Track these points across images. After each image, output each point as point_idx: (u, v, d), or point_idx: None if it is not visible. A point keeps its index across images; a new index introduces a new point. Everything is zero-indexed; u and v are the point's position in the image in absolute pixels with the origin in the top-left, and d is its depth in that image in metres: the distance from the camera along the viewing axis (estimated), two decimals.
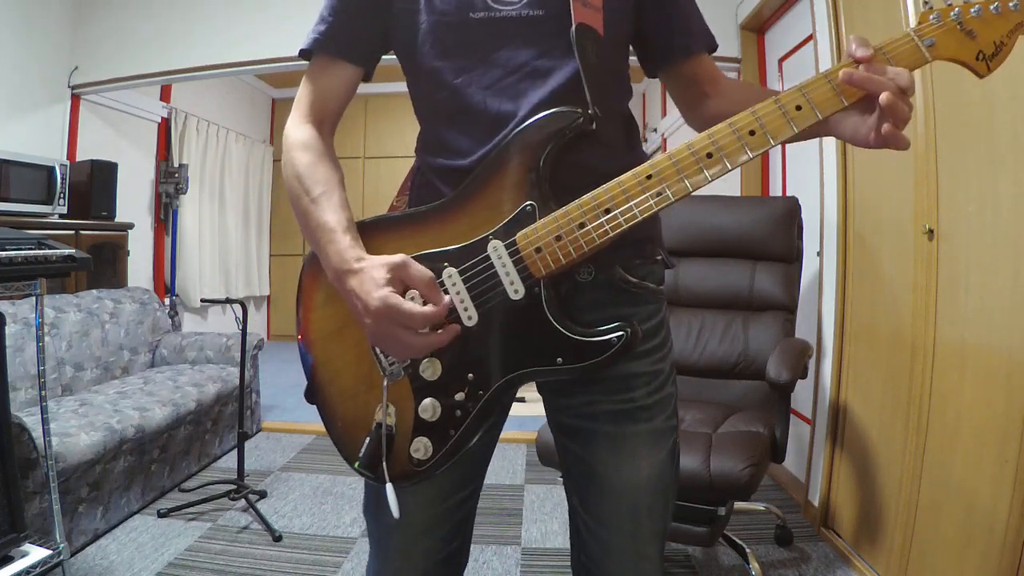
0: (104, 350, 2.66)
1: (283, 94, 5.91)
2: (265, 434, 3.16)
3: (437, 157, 0.78)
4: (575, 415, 0.78)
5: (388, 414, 0.72)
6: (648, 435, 0.77)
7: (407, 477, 0.73)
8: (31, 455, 1.68)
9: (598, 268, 0.73)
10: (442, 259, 0.71)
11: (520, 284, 0.69)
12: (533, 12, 0.72)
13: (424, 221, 0.74)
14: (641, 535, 0.77)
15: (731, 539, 1.75)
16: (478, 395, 0.71)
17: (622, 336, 0.67)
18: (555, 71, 0.72)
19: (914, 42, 0.63)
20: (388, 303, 0.65)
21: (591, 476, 0.78)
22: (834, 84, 0.64)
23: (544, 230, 0.68)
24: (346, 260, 0.69)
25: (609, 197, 0.67)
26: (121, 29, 3.22)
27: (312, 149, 0.77)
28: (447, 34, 0.75)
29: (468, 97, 0.74)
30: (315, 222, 0.72)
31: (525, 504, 2.31)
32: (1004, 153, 1.27)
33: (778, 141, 0.65)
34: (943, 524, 1.43)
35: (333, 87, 0.81)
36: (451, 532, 0.82)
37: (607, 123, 0.73)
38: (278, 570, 1.83)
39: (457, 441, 0.71)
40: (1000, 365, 1.27)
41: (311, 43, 0.80)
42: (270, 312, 6.00)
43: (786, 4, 2.51)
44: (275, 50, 2.95)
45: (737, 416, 1.76)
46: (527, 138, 0.69)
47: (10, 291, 1.52)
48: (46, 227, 2.77)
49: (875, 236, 1.82)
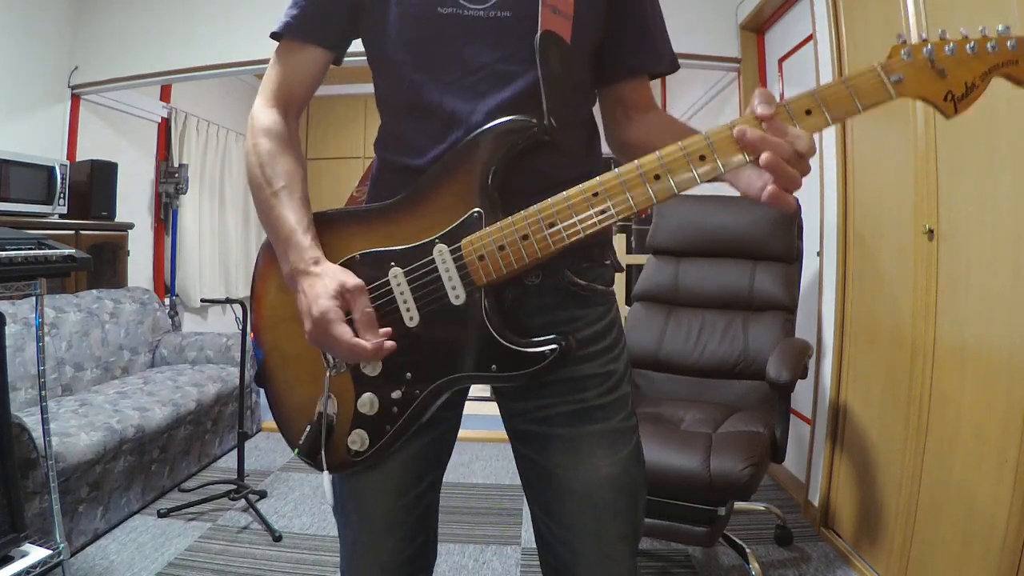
0: (104, 350, 2.66)
1: None
2: (265, 434, 3.16)
3: (393, 153, 0.79)
4: (530, 420, 0.78)
5: (329, 405, 0.74)
6: (605, 435, 0.76)
7: (344, 466, 0.75)
8: (31, 455, 1.68)
9: (546, 272, 0.73)
10: (390, 258, 0.72)
11: (462, 290, 0.70)
12: (501, 13, 0.71)
13: (377, 218, 0.75)
14: (606, 536, 0.76)
15: (731, 539, 1.75)
16: (414, 394, 0.72)
17: (555, 349, 0.68)
18: (517, 76, 0.71)
19: (880, 77, 0.60)
20: (327, 317, 0.67)
21: (549, 480, 0.78)
22: (735, 138, 0.62)
23: (488, 239, 0.68)
24: (304, 260, 0.71)
25: (555, 211, 0.66)
26: (121, 29, 3.22)
27: (276, 136, 0.77)
28: (413, 27, 0.74)
29: (425, 93, 0.74)
30: (275, 215, 0.73)
31: (525, 504, 2.30)
32: (1004, 153, 1.27)
33: (681, 191, 0.64)
34: (943, 524, 1.43)
35: (302, 71, 0.81)
36: (414, 528, 0.81)
37: (565, 131, 0.72)
38: (278, 570, 1.83)
39: (393, 435, 0.73)
40: (1000, 365, 1.27)
41: (283, 27, 0.80)
42: None
43: (786, 4, 2.51)
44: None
45: (737, 416, 1.76)
46: (480, 144, 0.69)
47: (10, 291, 1.52)
48: (46, 227, 2.77)
49: (875, 236, 1.82)
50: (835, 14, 1.97)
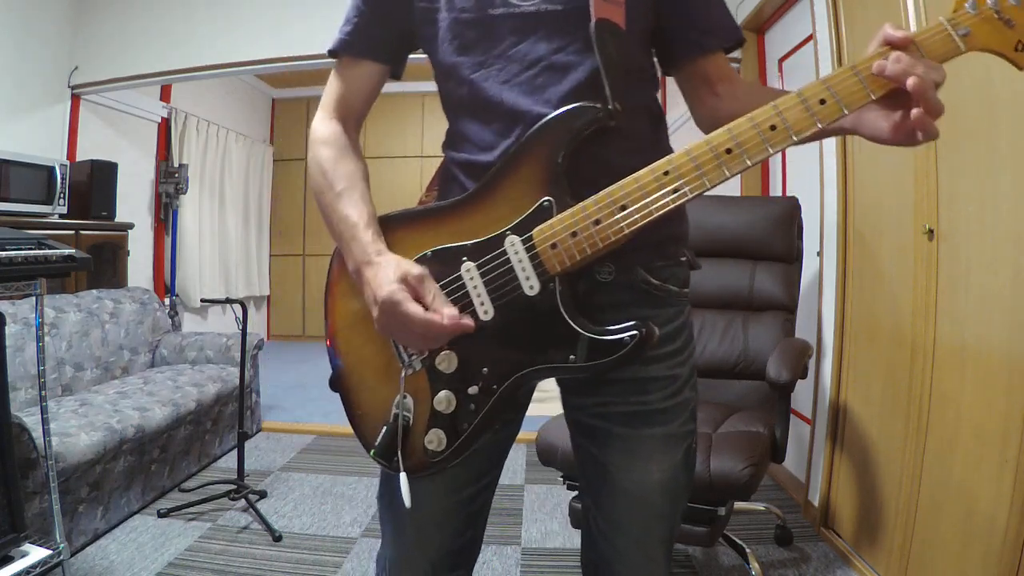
0: (104, 350, 2.66)
1: (283, 94, 5.92)
2: (265, 434, 3.16)
3: (460, 152, 0.79)
4: (591, 414, 0.79)
5: (405, 405, 0.74)
6: (663, 439, 0.76)
7: (421, 468, 0.74)
8: (31, 455, 1.68)
9: (618, 269, 0.73)
10: (461, 253, 0.72)
11: (536, 280, 0.69)
12: (552, 7, 0.72)
13: (445, 215, 0.75)
14: (650, 539, 0.78)
15: (731, 539, 1.75)
16: (492, 389, 0.71)
17: (635, 336, 0.66)
18: (574, 67, 0.72)
19: (947, 32, 0.59)
20: (393, 298, 0.67)
21: (604, 477, 0.78)
22: (861, 77, 0.60)
23: (560, 226, 0.68)
24: (367, 253, 0.72)
25: (624, 193, 0.66)
26: (121, 29, 3.22)
27: (336, 145, 0.79)
28: (465, 30, 0.76)
29: (485, 91, 0.74)
30: (338, 216, 0.75)
31: (525, 504, 2.31)
32: (1004, 153, 1.27)
33: (801, 137, 0.62)
34: (943, 524, 1.43)
35: (358, 86, 0.83)
36: (464, 524, 0.82)
37: (630, 118, 0.72)
38: (278, 570, 1.83)
39: (470, 435, 0.72)
40: (1000, 365, 1.27)
41: (337, 44, 0.82)
42: (270, 312, 6.00)
43: (786, 4, 2.51)
44: (275, 50, 2.95)
45: (737, 416, 1.76)
46: (547, 133, 0.69)
47: (10, 291, 1.52)
48: (46, 227, 2.77)
49: (875, 236, 1.82)
50: (835, 14, 1.97)
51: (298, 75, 5.05)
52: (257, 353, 3.05)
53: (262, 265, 5.72)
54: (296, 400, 3.82)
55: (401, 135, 5.85)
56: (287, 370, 4.65)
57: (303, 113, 5.92)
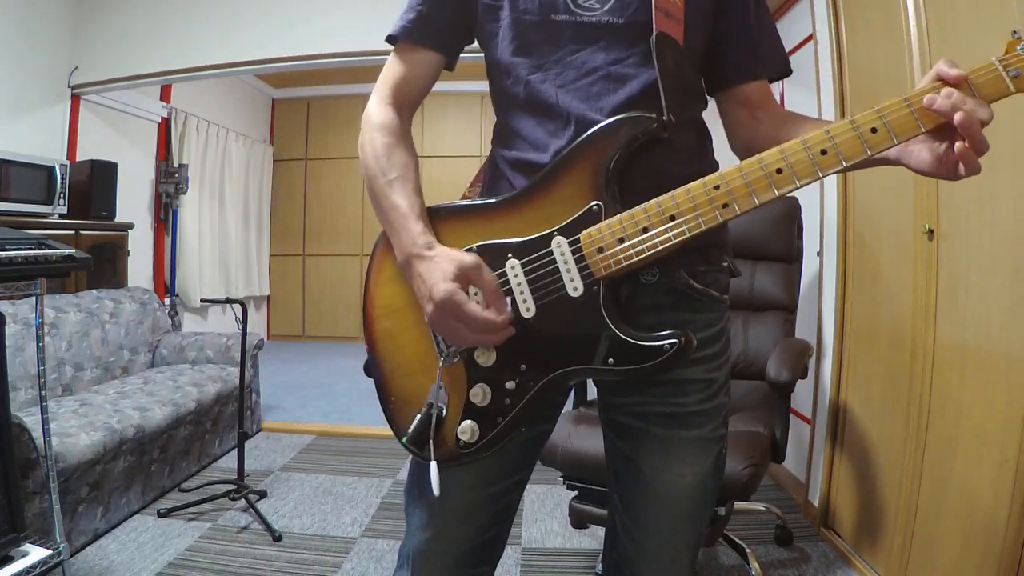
0: (104, 350, 2.66)
1: (283, 94, 5.92)
2: (265, 434, 3.16)
3: (510, 149, 0.80)
4: (627, 414, 0.79)
5: (440, 395, 0.74)
6: (696, 442, 0.77)
7: (452, 458, 0.74)
8: (31, 455, 1.68)
9: (663, 271, 0.74)
10: (506, 250, 0.73)
11: (580, 282, 0.70)
12: (613, 19, 0.74)
13: (493, 212, 0.76)
14: (678, 542, 0.79)
15: (731, 539, 1.75)
16: (528, 386, 0.72)
17: (675, 344, 0.67)
18: (631, 78, 0.73)
19: (999, 73, 0.62)
20: (454, 299, 0.68)
21: (636, 476, 0.79)
22: (913, 109, 0.62)
23: (608, 231, 0.69)
24: (417, 245, 0.72)
25: (675, 204, 0.67)
26: (121, 29, 3.22)
27: (391, 131, 0.80)
28: (527, 32, 0.77)
29: (542, 92, 0.76)
30: (389, 203, 0.76)
31: (525, 504, 2.31)
32: (1004, 153, 1.27)
33: (849, 163, 0.63)
34: (943, 524, 1.43)
35: (416, 73, 0.84)
36: (491, 520, 0.82)
37: (681, 130, 0.74)
38: (278, 570, 1.82)
39: (504, 429, 0.73)
40: (1000, 365, 1.27)
41: (399, 30, 0.83)
42: (270, 312, 6.00)
43: (786, 4, 2.51)
44: (275, 50, 2.95)
45: (737, 416, 1.76)
46: (601, 138, 0.70)
47: (10, 291, 1.52)
48: (46, 227, 2.77)
49: (875, 236, 1.82)
50: (835, 14, 1.97)
51: (299, 75, 5.06)
52: (257, 353, 3.05)
53: (262, 265, 5.72)
54: (296, 400, 3.82)
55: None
56: (287, 370, 4.65)
57: (303, 113, 5.92)
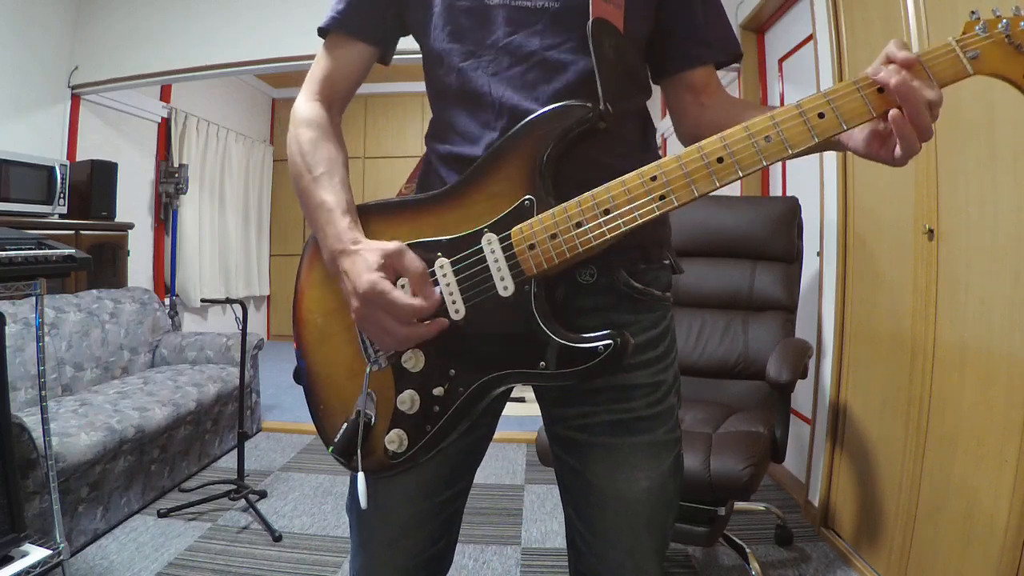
0: (104, 350, 2.66)
1: (283, 94, 5.91)
2: (265, 434, 3.16)
3: (443, 143, 0.77)
4: (570, 427, 0.76)
5: (368, 403, 0.71)
6: (647, 447, 0.74)
7: (381, 468, 0.71)
8: (31, 455, 1.68)
9: (600, 271, 0.71)
10: (436, 248, 0.69)
11: (511, 281, 0.66)
12: (550, 4, 0.71)
13: (424, 208, 0.72)
14: (640, 549, 0.74)
15: (731, 539, 1.75)
16: (458, 392, 0.68)
17: (610, 345, 0.63)
18: (567, 66, 0.70)
19: (955, 53, 0.57)
20: (377, 288, 0.64)
21: (587, 488, 0.75)
22: (863, 93, 0.59)
23: (540, 226, 0.65)
24: (342, 241, 0.69)
25: (610, 197, 0.64)
26: (121, 29, 3.22)
27: (317, 126, 0.76)
28: (460, 17, 0.74)
29: (473, 81, 0.72)
30: (315, 201, 0.72)
31: (525, 504, 2.31)
32: (1004, 153, 1.27)
33: (796, 151, 0.60)
34: (943, 524, 1.43)
35: (346, 66, 0.81)
36: (436, 531, 0.79)
37: (621, 121, 0.70)
38: (278, 570, 1.82)
39: (433, 437, 0.69)
40: (1000, 365, 1.27)
41: (329, 21, 0.80)
42: (270, 312, 6.00)
43: (786, 4, 2.51)
44: (275, 50, 2.95)
45: (737, 416, 1.76)
46: (533, 130, 0.67)
47: (10, 291, 1.52)
48: (46, 227, 2.77)
49: (875, 236, 1.82)
50: (835, 14, 1.97)
51: (298, 75, 5.01)
52: (257, 353, 3.04)
53: (262, 265, 5.72)
54: (296, 400, 3.82)
55: (401, 135, 5.85)
56: (287, 370, 4.64)
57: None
